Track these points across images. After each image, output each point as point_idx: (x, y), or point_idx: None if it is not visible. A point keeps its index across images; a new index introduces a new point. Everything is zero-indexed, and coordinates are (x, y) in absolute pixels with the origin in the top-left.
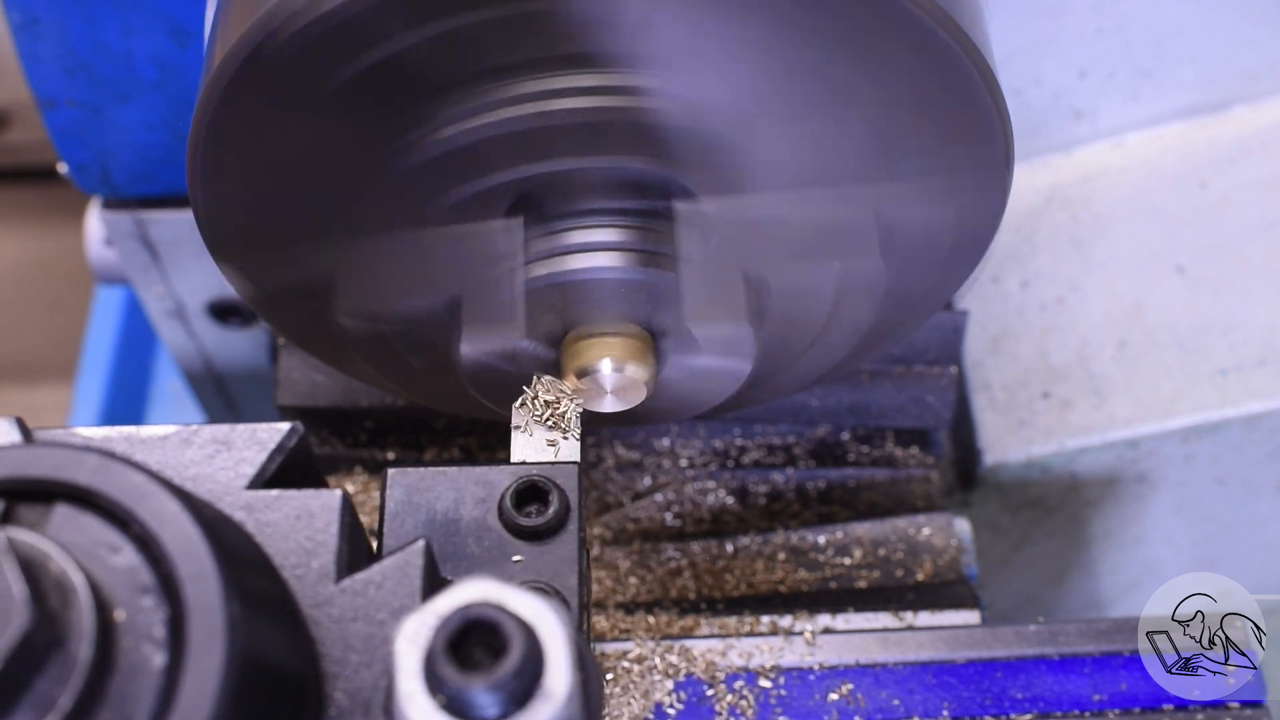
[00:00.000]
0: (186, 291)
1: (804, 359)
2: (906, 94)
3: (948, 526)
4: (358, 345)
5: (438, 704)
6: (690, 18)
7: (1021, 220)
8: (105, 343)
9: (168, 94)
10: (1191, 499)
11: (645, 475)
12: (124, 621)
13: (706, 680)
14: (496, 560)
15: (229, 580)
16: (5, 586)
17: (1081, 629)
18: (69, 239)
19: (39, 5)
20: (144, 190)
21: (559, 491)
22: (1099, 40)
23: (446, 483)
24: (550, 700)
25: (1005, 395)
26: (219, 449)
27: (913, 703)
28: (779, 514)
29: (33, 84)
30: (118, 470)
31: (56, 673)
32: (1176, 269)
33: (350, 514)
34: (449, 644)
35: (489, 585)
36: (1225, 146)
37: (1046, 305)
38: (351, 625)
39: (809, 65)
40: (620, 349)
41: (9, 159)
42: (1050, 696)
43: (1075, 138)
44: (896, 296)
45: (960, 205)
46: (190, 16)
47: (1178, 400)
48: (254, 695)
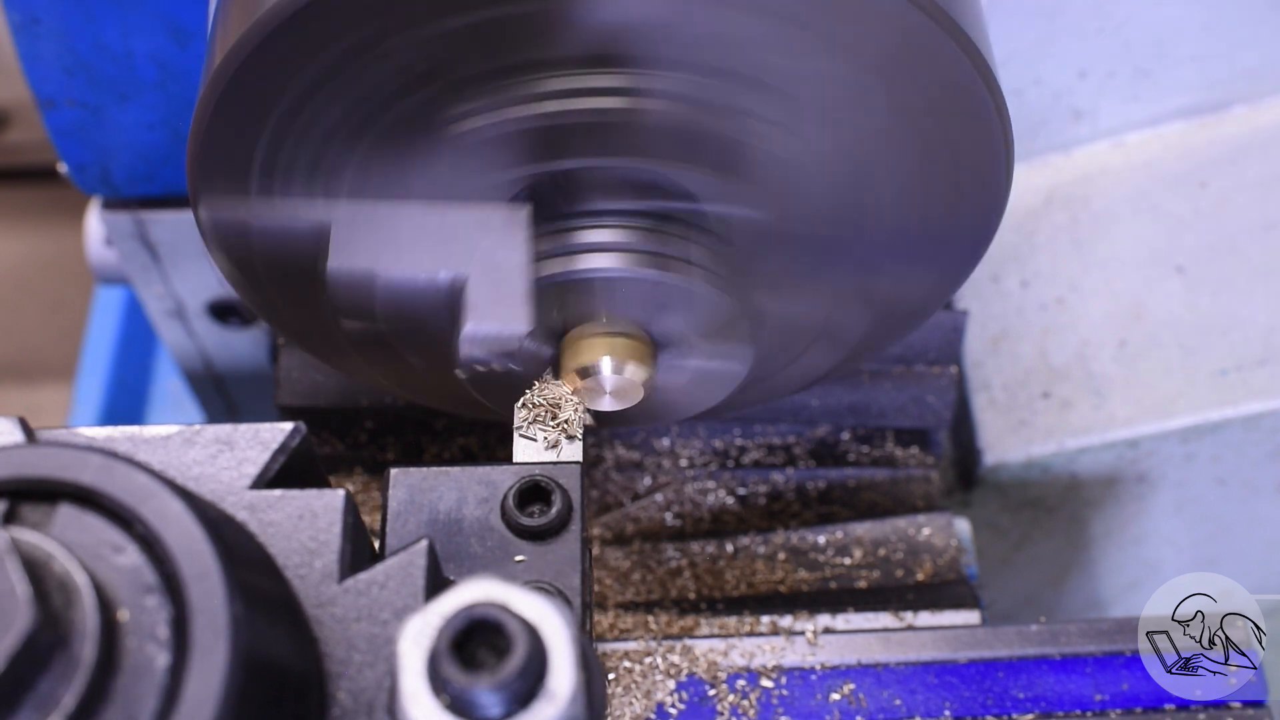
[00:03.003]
0: (186, 291)
1: (802, 360)
2: (906, 93)
3: (948, 526)
4: (358, 345)
5: (441, 704)
6: (695, 18)
7: (1021, 220)
8: (105, 343)
9: (168, 94)
10: (1191, 499)
11: (645, 475)
12: (127, 621)
13: (708, 680)
14: (499, 560)
15: (232, 580)
16: (9, 586)
17: (1083, 629)
18: (69, 239)
19: (39, 5)
20: (144, 190)
21: (561, 491)
22: (1099, 40)
23: (449, 483)
24: (554, 700)
25: (1005, 395)
26: (222, 449)
27: (914, 702)
28: (779, 514)
29: (33, 84)
30: (121, 470)
31: (60, 673)
32: (1176, 269)
33: (353, 514)
34: (452, 644)
35: (492, 585)
36: (1225, 146)
37: (1046, 305)
38: (355, 625)
39: (809, 64)
40: (621, 349)
41: (9, 159)
42: (1052, 696)
43: (1075, 138)
44: (894, 297)
45: (959, 205)
46: (190, 16)
47: (1178, 400)
48: (257, 695)
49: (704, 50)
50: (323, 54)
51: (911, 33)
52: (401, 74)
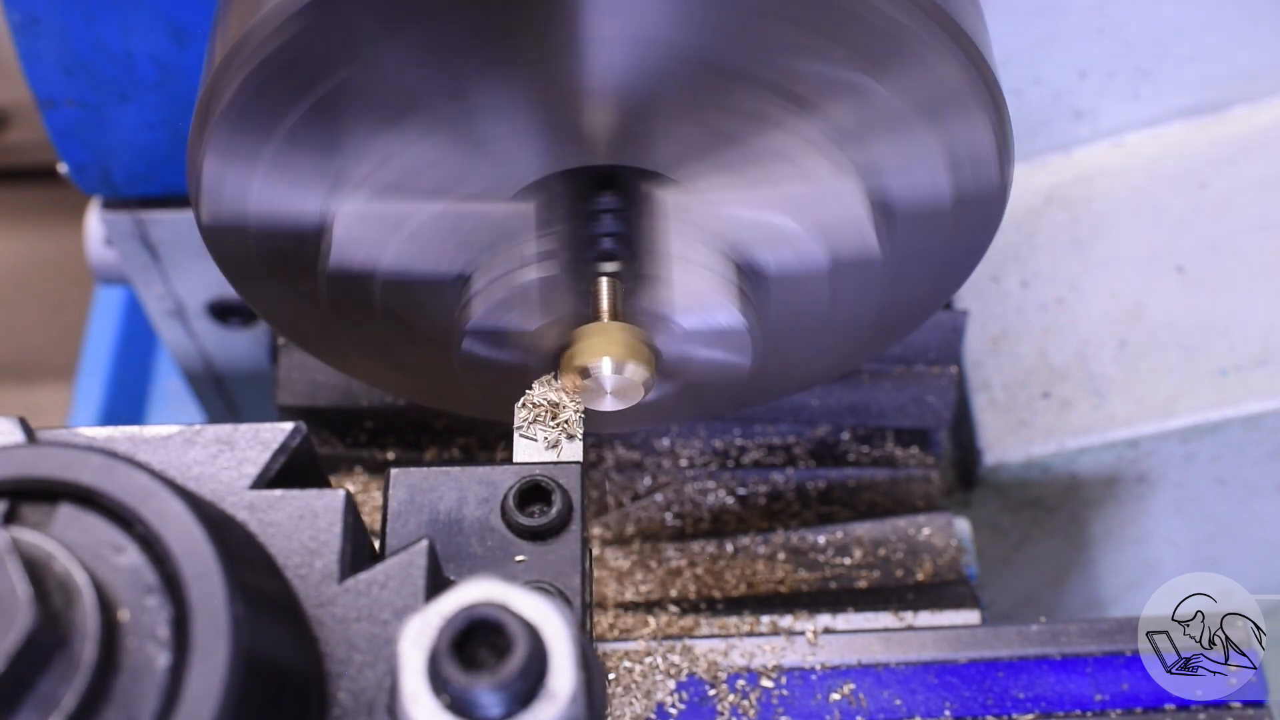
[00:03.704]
0: (186, 291)
1: (803, 359)
2: (906, 93)
3: (948, 526)
4: (358, 345)
5: (442, 704)
6: (691, 17)
7: (1021, 220)
8: (105, 343)
9: (168, 94)
10: (1191, 499)
11: (645, 475)
12: (128, 621)
13: (708, 680)
14: (499, 560)
15: (233, 580)
16: (9, 586)
17: (1083, 629)
18: (69, 239)
19: (39, 5)
20: (144, 190)
21: (562, 491)
22: (1099, 40)
23: (449, 483)
24: (554, 700)
25: (1005, 395)
26: (222, 449)
27: (915, 702)
28: (779, 514)
29: (33, 84)
30: (121, 470)
31: (60, 673)
32: (1176, 269)
33: (353, 514)
34: (453, 644)
35: (493, 585)
36: (1225, 146)
37: (1046, 305)
38: (355, 625)
39: (809, 64)
40: (621, 348)
41: (9, 159)
42: (1052, 696)
43: (1075, 138)
44: (895, 296)
45: (959, 205)
46: (190, 16)
47: (1178, 400)
48: (258, 695)
49: (708, 50)
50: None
51: (911, 32)
52: (416, 69)
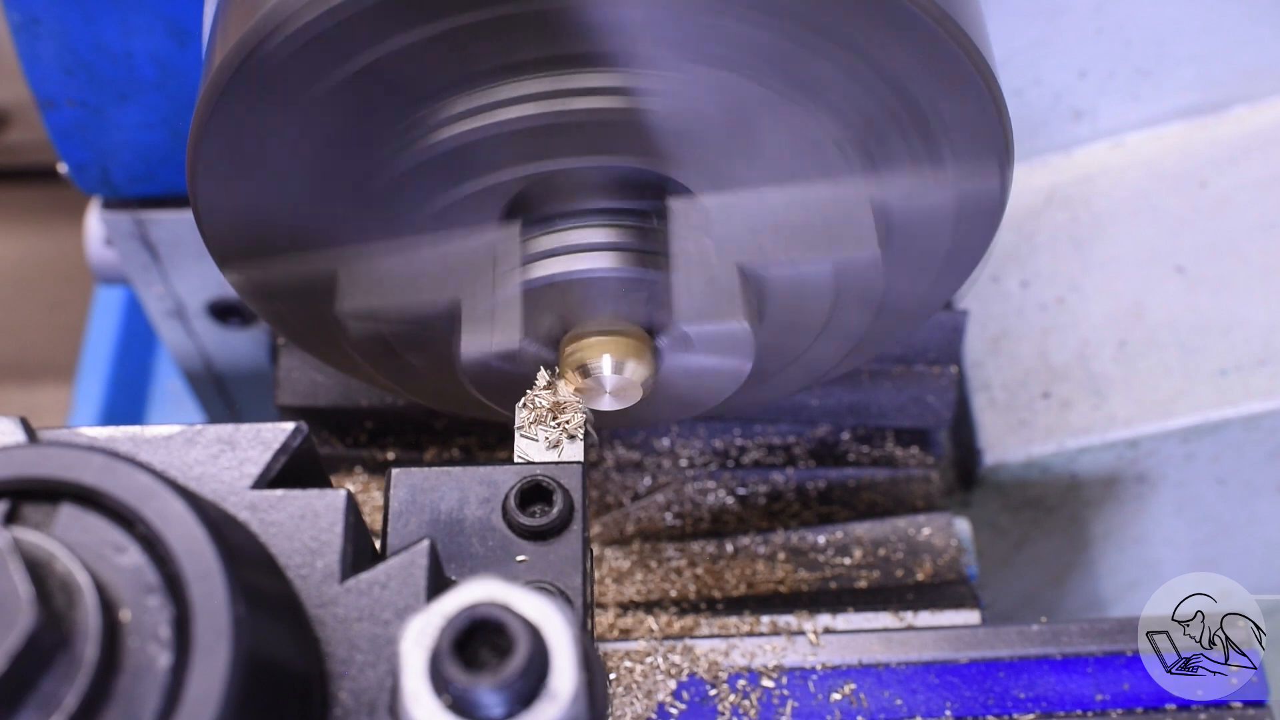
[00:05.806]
0: (186, 291)
1: (804, 359)
2: (906, 93)
3: (948, 526)
4: (358, 345)
5: (443, 704)
6: (688, 16)
7: (1021, 220)
8: (105, 343)
9: (168, 94)
10: (1191, 499)
11: (645, 475)
12: (129, 621)
13: (709, 680)
14: (500, 560)
15: (234, 580)
16: (11, 586)
17: (1084, 629)
18: (69, 239)
19: (39, 5)
20: (144, 190)
21: (563, 491)
22: (1099, 40)
23: (450, 482)
24: (555, 700)
25: (1005, 395)
26: (223, 449)
27: (915, 702)
28: (779, 514)
29: (33, 84)
30: (123, 470)
31: (62, 673)
32: (1176, 269)
33: (355, 514)
34: (454, 644)
35: (494, 585)
36: (1225, 146)
37: (1046, 305)
38: (356, 625)
39: (809, 63)
40: (620, 348)
41: (9, 159)
42: (1053, 696)
43: (1075, 138)
44: (896, 296)
45: (959, 205)
46: (190, 16)
47: (1178, 400)
48: (259, 695)
49: (692, 47)
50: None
51: (911, 31)
52: (392, 79)
